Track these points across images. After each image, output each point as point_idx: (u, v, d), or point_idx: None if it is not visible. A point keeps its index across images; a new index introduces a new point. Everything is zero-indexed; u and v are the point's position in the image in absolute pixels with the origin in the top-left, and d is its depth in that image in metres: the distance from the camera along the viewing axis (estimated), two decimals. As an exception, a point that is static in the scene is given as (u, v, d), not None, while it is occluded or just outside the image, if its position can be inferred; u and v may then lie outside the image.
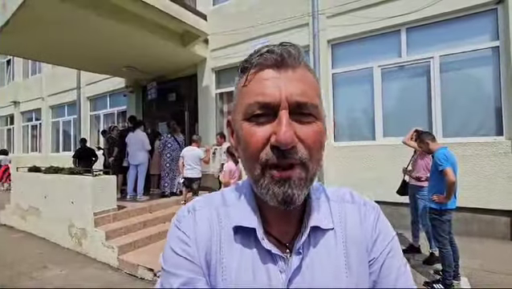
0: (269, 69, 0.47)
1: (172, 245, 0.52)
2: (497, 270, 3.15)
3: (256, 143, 0.46)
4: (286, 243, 0.51)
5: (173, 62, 6.68)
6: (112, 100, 9.41)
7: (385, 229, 0.55)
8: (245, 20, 6.02)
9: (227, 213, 0.54)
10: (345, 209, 0.56)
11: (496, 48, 4.10)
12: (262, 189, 0.47)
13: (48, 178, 4.97)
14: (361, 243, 0.52)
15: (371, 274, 0.52)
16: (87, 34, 5.05)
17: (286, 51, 0.47)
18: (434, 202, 2.89)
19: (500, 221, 4.01)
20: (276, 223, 0.52)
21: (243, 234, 0.51)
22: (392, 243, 0.54)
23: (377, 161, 4.74)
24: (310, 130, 0.46)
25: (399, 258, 0.53)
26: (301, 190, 0.46)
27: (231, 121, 0.56)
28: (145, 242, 4.10)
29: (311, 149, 0.46)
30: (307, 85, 0.47)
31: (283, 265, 0.49)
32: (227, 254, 0.50)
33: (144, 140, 5.71)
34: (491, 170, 4.01)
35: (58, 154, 11.15)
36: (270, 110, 0.45)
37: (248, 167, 0.49)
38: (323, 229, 0.52)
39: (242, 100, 0.49)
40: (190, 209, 0.55)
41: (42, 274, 3.54)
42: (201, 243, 0.51)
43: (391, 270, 0.52)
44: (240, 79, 0.52)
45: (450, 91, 4.40)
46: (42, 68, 11.53)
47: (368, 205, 0.57)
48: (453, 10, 4.25)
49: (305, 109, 0.46)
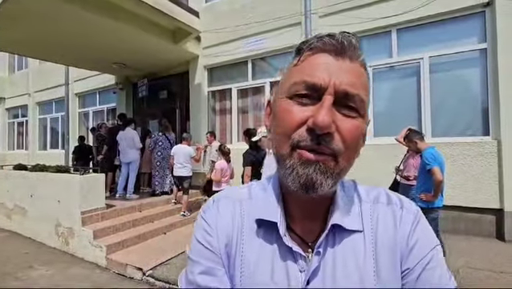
0: (325, 53, 0.45)
1: (197, 234, 0.53)
2: (482, 267, 3.22)
3: (291, 121, 0.44)
4: (309, 242, 0.49)
5: (165, 59, 6.60)
6: (102, 97, 9.26)
7: (425, 237, 0.49)
8: (238, 18, 5.99)
9: (251, 206, 0.53)
10: (378, 210, 0.51)
11: (484, 50, 4.19)
12: (286, 170, 0.44)
13: (34, 176, 4.85)
14: (394, 250, 0.47)
15: (405, 285, 0.46)
16: (75, 30, 4.94)
17: (347, 40, 0.45)
18: (422, 201, 2.94)
19: (486, 220, 4.11)
20: (300, 220, 0.51)
21: (266, 228, 0.50)
22: (432, 253, 0.47)
23: (368, 161, 4.74)
24: (351, 124, 0.44)
25: (440, 270, 0.46)
26: (325, 178, 0.43)
27: (271, 101, 0.54)
28: (134, 241, 4.04)
29: (347, 143, 0.43)
30: (360, 79, 0.45)
31: (304, 264, 0.47)
32: (247, 246, 0.50)
33: (135, 137, 5.63)
34: (478, 170, 4.10)
35: (46, 152, 10.91)
36: (315, 93, 0.43)
37: (277, 145, 0.47)
38: (349, 230, 0.48)
39: (289, 79, 0.47)
40: (215, 200, 0.56)
41: (27, 274, 3.46)
42: (222, 234, 0.51)
43: (428, 283, 0.45)
44: (293, 59, 0.49)
45: (439, 91, 4.47)
46: (28, 63, 11.23)
47: (406, 208, 0.51)
48: (443, 11, 4.31)
49: (351, 102, 0.44)
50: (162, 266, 3.41)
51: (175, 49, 6.07)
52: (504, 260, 3.36)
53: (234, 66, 6.35)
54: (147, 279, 3.21)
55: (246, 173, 3.85)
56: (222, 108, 6.66)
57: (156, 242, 4.20)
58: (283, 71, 0.52)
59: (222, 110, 6.66)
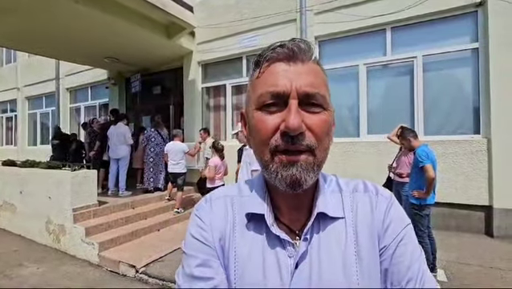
0: (280, 62, 0.51)
1: (191, 230, 0.57)
2: (471, 262, 3.30)
3: (266, 129, 0.49)
4: (297, 230, 0.54)
5: (158, 54, 6.51)
6: (94, 92, 9.10)
7: (397, 218, 0.55)
8: (233, 14, 5.94)
9: (241, 202, 0.58)
10: (357, 198, 0.56)
11: (475, 50, 4.25)
12: (271, 174, 0.50)
13: (24, 172, 4.75)
14: (372, 231, 0.53)
15: (383, 262, 0.51)
16: (66, 23, 4.82)
17: (296, 46, 0.50)
18: (414, 197, 2.98)
19: (475, 216, 4.20)
20: (287, 211, 0.55)
21: (256, 221, 0.55)
22: (404, 231, 0.53)
23: (361, 158, 4.83)
24: (318, 119, 0.49)
25: (412, 246, 0.52)
26: (308, 174, 0.48)
27: (244, 113, 0.59)
28: (127, 238, 4.00)
29: (318, 137, 0.49)
30: (316, 77, 0.51)
31: (292, 250, 0.51)
32: (240, 239, 0.54)
33: (127, 133, 5.55)
34: (468, 167, 4.18)
35: (35, 147, 10.69)
36: (280, 100, 0.49)
37: (258, 153, 0.52)
38: (332, 217, 0.53)
39: (255, 91, 0.52)
40: (208, 200, 0.60)
41: (17, 271, 3.39)
42: (216, 229, 0.55)
43: (403, 258, 0.51)
44: (254, 72, 0.55)
45: (432, 90, 4.53)
46: (17, 57, 10.95)
47: (380, 195, 0.57)
48: (436, 11, 4.35)
49: (313, 99, 0.49)
50: (155, 263, 3.39)
51: (169, 44, 5.99)
52: (493, 255, 3.44)
53: (229, 62, 6.30)
54: (140, 277, 3.19)
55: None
56: (216, 105, 6.62)
57: (149, 239, 4.17)
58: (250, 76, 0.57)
59: (216, 106, 6.62)
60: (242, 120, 0.61)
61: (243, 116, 0.60)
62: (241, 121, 0.61)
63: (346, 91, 5.17)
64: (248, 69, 6.10)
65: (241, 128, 0.61)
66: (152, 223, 4.49)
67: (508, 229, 3.93)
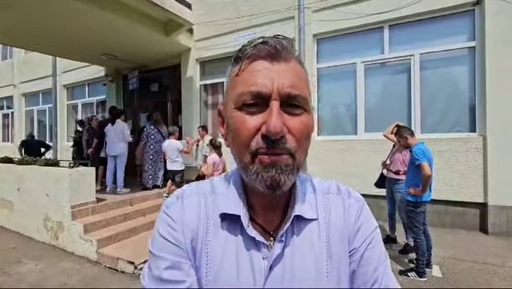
0: (262, 60, 0.48)
1: (160, 229, 0.53)
2: (466, 258, 3.35)
3: (247, 131, 0.47)
4: (271, 231, 0.53)
5: (156, 51, 6.48)
6: (91, 89, 9.05)
7: (367, 221, 0.56)
8: (231, 11, 5.93)
9: (215, 201, 0.55)
10: (330, 200, 0.57)
11: (472, 48, 4.27)
12: (251, 175, 0.48)
13: (21, 169, 4.73)
14: (343, 233, 0.54)
15: (352, 264, 0.53)
16: (62, 19, 4.78)
17: (279, 43, 0.48)
18: (410, 195, 3.02)
19: (470, 213, 4.25)
20: (262, 212, 0.54)
21: (229, 221, 0.53)
22: (372, 234, 0.55)
23: (358, 155, 4.86)
24: (299, 121, 0.48)
25: (379, 250, 0.55)
26: (287, 176, 0.47)
27: (222, 111, 0.57)
28: (126, 235, 4.02)
29: (299, 140, 0.48)
30: (298, 78, 0.49)
31: (267, 252, 0.51)
32: (212, 239, 0.52)
33: (125, 130, 5.54)
34: (464, 165, 4.22)
35: (33, 145, 10.62)
36: (261, 100, 0.47)
37: (238, 154, 0.50)
38: (306, 219, 0.53)
39: (235, 89, 0.50)
40: (179, 196, 0.57)
41: (15, 268, 3.40)
42: (188, 228, 0.52)
43: (370, 260, 0.53)
44: (233, 68, 0.52)
45: (429, 88, 4.56)
46: (13, 53, 10.85)
47: (353, 198, 0.58)
48: (434, 9, 4.37)
49: (295, 101, 0.47)
50: (154, 260, 3.40)
51: (166, 41, 5.96)
52: (487, 252, 3.49)
53: (227, 59, 6.27)
54: (139, 273, 3.21)
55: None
56: (214, 102, 6.62)
57: (147, 235, 4.18)
58: (229, 72, 0.54)
59: (214, 104, 6.62)
60: (220, 117, 0.58)
61: (220, 113, 0.57)
62: (219, 118, 0.58)
63: (343, 88, 5.19)
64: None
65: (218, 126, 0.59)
66: (150, 220, 4.50)
67: (502, 226, 3.98)
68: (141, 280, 0.53)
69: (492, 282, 2.83)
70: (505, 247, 3.62)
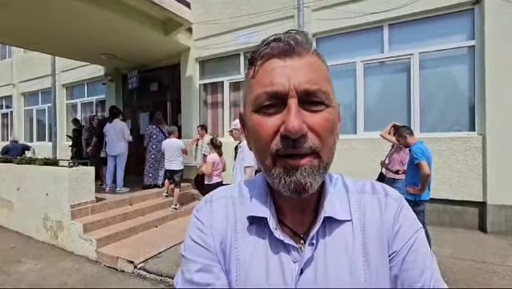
0: (276, 58, 0.46)
1: (191, 233, 0.54)
2: (465, 257, 3.36)
3: (266, 134, 0.45)
4: (301, 234, 0.51)
5: (155, 50, 6.47)
6: (90, 89, 9.04)
7: (408, 221, 0.52)
8: (230, 10, 5.92)
9: (243, 204, 0.55)
10: (364, 200, 0.53)
11: (472, 47, 4.27)
12: (274, 179, 0.47)
13: (21, 169, 4.73)
14: (381, 235, 0.50)
15: (393, 268, 0.49)
16: (61, 18, 4.77)
17: (292, 39, 0.46)
18: (409, 194, 3.03)
19: (469, 212, 4.26)
20: (290, 213, 0.52)
21: (258, 224, 0.52)
22: (416, 235, 0.50)
23: (358, 155, 4.86)
24: (320, 118, 0.45)
25: (424, 252, 0.50)
26: (313, 178, 0.45)
27: (242, 115, 0.56)
28: (125, 234, 4.02)
29: (322, 137, 0.45)
30: (316, 72, 0.46)
31: (297, 255, 0.49)
32: (241, 243, 0.51)
33: (125, 130, 5.55)
34: (463, 164, 4.23)
35: (32, 144, 10.61)
36: (278, 100, 0.45)
37: (259, 158, 0.49)
38: (339, 220, 0.50)
39: (251, 92, 0.48)
40: (208, 200, 0.57)
41: (15, 268, 3.41)
42: (217, 232, 0.53)
43: (415, 264, 0.48)
44: (249, 71, 0.51)
45: (428, 87, 4.56)
46: (12, 52, 10.83)
47: (390, 196, 0.54)
48: (433, 8, 4.36)
49: (314, 97, 0.45)
50: (154, 259, 3.41)
51: (166, 40, 5.95)
52: (486, 251, 3.50)
53: (226, 58, 6.28)
54: (138, 272, 3.21)
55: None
56: (214, 101, 6.61)
57: (147, 235, 4.19)
58: (245, 75, 0.54)
59: (214, 103, 6.62)
60: (241, 121, 0.57)
61: (241, 117, 0.57)
62: (240, 122, 0.58)
63: (343, 88, 5.18)
64: (245, 66, 6.06)
65: (239, 127, 0.60)
66: (149, 219, 4.51)
67: (501, 225, 3.99)
68: (174, 284, 0.54)
69: (491, 281, 2.84)
70: (504, 246, 3.63)
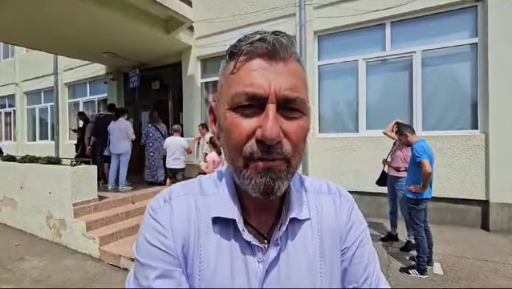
0: (259, 59, 0.45)
1: (148, 236, 0.49)
2: (467, 255, 3.35)
3: (240, 135, 0.45)
4: (265, 234, 0.52)
5: (157, 49, 6.47)
6: (92, 87, 9.06)
7: (358, 220, 0.58)
8: (232, 8, 5.91)
9: (205, 203, 0.52)
10: (321, 200, 0.57)
11: (474, 45, 4.24)
12: (244, 180, 0.46)
13: (24, 168, 4.76)
14: (335, 233, 0.55)
15: (343, 262, 0.54)
16: (62, 17, 4.77)
17: (278, 41, 0.45)
18: (411, 192, 3.02)
19: (472, 211, 4.24)
20: (256, 214, 0.53)
21: (222, 225, 0.50)
22: (363, 233, 0.57)
23: (360, 153, 4.85)
24: (296, 125, 0.46)
25: (369, 248, 0.57)
26: (282, 182, 0.46)
27: (214, 108, 0.54)
28: (128, 232, 4.04)
29: (295, 144, 0.46)
30: (297, 79, 0.46)
31: (261, 256, 0.50)
32: (205, 244, 0.50)
33: (129, 129, 5.56)
34: (466, 162, 4.21)
35: (35, 143, 10.69)
36: (257, 102, 0.44)
37: (230, 157, 0.48)
38: (300, 220, 0.53)
39: (229, 88, 0.47)
40: (166, 199, 0.53)
41: (18, 265, 3.44)
42: (179, 234, 0.49)
43: (361, 258, 0.55)
44: (227, 64, 0.49)
45: (430, 85, 4.53)
46: (14, 52, 10.87)
47: (343, 197, 0.59)
48: (436, 5, 4.33)
49: (293, 104, 0.45)
50: (156, 257, 3.42)
51: (167, 39, 5.95)
52: (488, 249, 3.49)
53: (228, 57, 6.27)
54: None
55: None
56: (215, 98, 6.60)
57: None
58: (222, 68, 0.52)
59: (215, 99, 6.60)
60: (211, 115, 0.55)
61: (212, 110, 0.55)
62: (210, 115, 0.56)
63: (345, 86, 5.17)
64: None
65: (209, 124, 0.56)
66: (152, 218, 4.52)
67: (504, 224, 3.98)
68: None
69: (493, 280, 2.83)
70: (506, 245, 3.62)
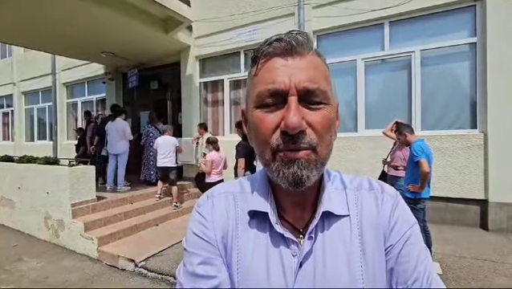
0: (278, 57, 0.49)
1: (192, 227, 0.55)
2: (466, 255, 3.35)
3: (266, 128, 0.48)
4: (300, 229, 0.53)
5: (155, 48, 6.46)
6: (91, 87, 9.04)
7: (404, 216, 0.53)
8: (230, 7, 5.89)
9: (244, 199, 0.56)
10: (362, 196, 0.55)
11: (473, 44, 4.24)
12: (273, 172, 0.49)
13: (22, 168, 4.74)
14: (378, 230, 0.52)
15: (389, 262, 0.51)
16: (60, 16, 4.76)
17: (294, 39, 0.48)
18: (409, 191, 3.02)
19: (471, 210, 4.25)
20: (291, 209, 0.54)
21: (258, 219, 0.54)
22: (411, 230, 0.52)
23: (359, 153, 4.85)
24: (319, 115, 0.48)
25: (418, 246, 0.52)
26: (310, 171, 0.47)
27: (244, 110, 0.58)
28: (126, 233, 4.03)
29: (320, 134, 0.47)
30: (316, 71, 0.49)
31: (296, 249, 0.51)
32: (242, 237, 0.53)
33: (126, 129, 5.55)
34: (464, 162, 4.21)
35: (33, 143, 10.65)
36: (279, 97, 0.47)
37: (260, 152, 0.51)
38: (336, 216, 0.52)
39: (254, 89, 0.51)
40: (209, 195, 0.58)
41: (16, 266, 3.42)
42: (218, 226, 0.54)
43: (409, 257, 0.50)
44: (251, 69, 0.53)
45: (429, 85, 4.53)
46: (12, 52, 10.83)
47: (386, 193, 0.56)
48: (434, 4, 4.33)
49: (314, 96, 0.47)
50: (155, 258, 3.42)
51: (166, 39, 5.94)
52: (487, 248, 3.49)
53: (227, 57, 6.26)
54: (139, 271, 3.22)
55: (240, 165, 3.85)
56: (214, 100, 6.60)
57: (148, 233, 4.20)
58: (248, 73, 0.55)
59: (214, 101, 6.61)
60: (243, 117, 0.60)
61: (243, 113, 0.59)
62: (242, 118, 0.60)
63: (344, 85, 5.16)
64: (246, 63, 6.08)
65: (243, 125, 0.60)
66: (150, 218, 4.52)
67: (503, 223, 3.98)
68: (177, 276, 0.55)
69: (492, 279, 2.83)
70: (505, 244, 3.62)
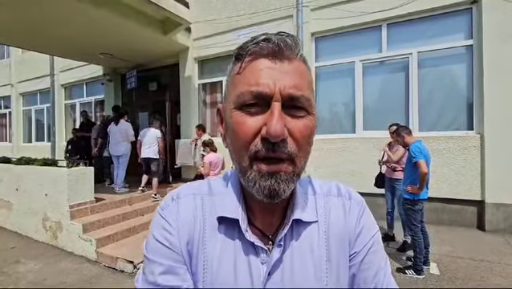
0: (264, 59, 0.46)
1: (155, 233, 0.51)
2: (463, 255, 3.38)
3: (245, 134, 0.45)
4: (270, 235, 0.52)
5: (154, 50, 6.46)
6: (89, 89, 9.02)
7: (368, 224, 0.55)
8: (229, 9, 5.92)
9: (212, 203, 0.53)
10: (330, 202, 0.55)
11: (470, 47, 4.29)
12: (248, 182, 0.46)
13: (20, 169, 4.72)
14: (343, 236, 0.52)
15: (352, 267, 0.52)
16: (58, 17, 4.74)
17: (283, 41, 0.45)
18: (407, 192, 3.04)
19: (468, 211, 4.28)
20: (261, 215, 0.52)
21: (227, 225, 0.51)
22: (374, 238, 0.54)
23: (356, 154, 4.87)
24: (301, 124, 0.46)
25: (380, 254, 0.53)
26: (287, 185, 0.45)
27: (221, 109, 0.55)
28: (125, 234, 4.02)
29: (300, 144, 0.45)
30: (301, 78, 0.46)
31: (265, 257, 0.49)
32: (209, 243, 0.50)
33: (129, 130, 5.55)
34: (461, 163, 4.24)
35: (31, 144, 10.61)
36: (262, 101, 0.44)
37: (236, 157, 0.48)
38: (305, 222, 0.52)
39: (235, 88, 0.47)
40: (174, 197, 0.54)
41: (14, 268, 3.40)
42: (184, 232, 0.50)
43: (371, 264, 0.52)
44: (234, 66, 0.50)
45: (427, 86, 4.57)
46: (10, 53, 10.80)
47: (353, 199, 0.56)
48: (431, 7, 4.38)
49: (297, 102, 0.45)
50: (153, 259, 3.41)
51: (164, 40, 5.94)
52: (484, 249, 3.52)
53: (225, 58, 6.27)
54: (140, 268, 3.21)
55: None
56: (213, 101, 6.61)
57: (146, 235, 4.18)
58: (229, 69, 0.52)
59: (213, 103, 6.61)
60: (219, 116, 0.56)
61: (220, 112, 0.55)
62: (218, 117, 0.56)
63: (342, 87, 5.19)
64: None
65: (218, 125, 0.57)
66: (149, 219, 4.50)
67: (499, 224, 4.01)
68: (135, 285, 0.51)
69: (488, 279, 2.85)
70: (501, 244, 3.65)
